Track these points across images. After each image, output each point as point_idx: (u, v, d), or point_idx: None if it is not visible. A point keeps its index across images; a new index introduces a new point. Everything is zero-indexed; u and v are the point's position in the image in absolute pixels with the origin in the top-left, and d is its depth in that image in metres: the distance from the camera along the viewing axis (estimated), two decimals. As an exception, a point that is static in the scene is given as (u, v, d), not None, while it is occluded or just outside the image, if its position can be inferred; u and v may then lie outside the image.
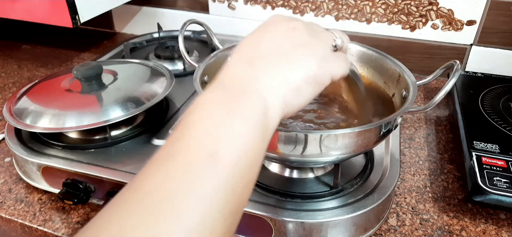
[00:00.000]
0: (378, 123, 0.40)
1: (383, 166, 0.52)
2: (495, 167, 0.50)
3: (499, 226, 0.49)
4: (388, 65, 0.53)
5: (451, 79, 0.42)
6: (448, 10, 0.80)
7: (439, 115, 0.73)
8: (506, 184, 0.48)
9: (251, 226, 0.45)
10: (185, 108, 0.67)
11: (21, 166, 0.56)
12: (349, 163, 0.52)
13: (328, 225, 0.44)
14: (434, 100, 0.41)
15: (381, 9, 0.84)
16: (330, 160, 0.43)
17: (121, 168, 0.52)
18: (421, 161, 0.60)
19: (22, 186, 0.56)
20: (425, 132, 0.67)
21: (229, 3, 0.95)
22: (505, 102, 0.66)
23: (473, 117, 0.62)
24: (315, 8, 0.89)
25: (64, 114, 0.55)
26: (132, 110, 0.57)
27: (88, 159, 0.54)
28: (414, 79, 0.47)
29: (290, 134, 0.39)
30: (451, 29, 0.82)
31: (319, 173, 0.50)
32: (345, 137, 0.39)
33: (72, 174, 0.52)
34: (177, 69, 0.80)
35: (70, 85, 0.62)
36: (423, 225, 0.49)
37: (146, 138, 0.58)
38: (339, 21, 0.89)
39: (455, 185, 0.56)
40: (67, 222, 0.50)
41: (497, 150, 0.53)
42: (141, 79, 0.66)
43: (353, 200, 0.46)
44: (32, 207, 0.53)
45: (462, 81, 0.74)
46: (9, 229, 0.53)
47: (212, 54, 0.54)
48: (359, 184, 0.49)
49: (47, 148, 0.56)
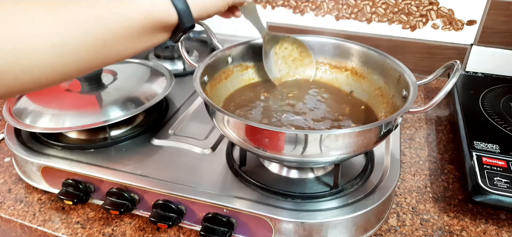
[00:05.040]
0: (378, 123, 0.40)
1: (384, 166, 0.52)
2: (496, 167, 0.50)
3: (499, 226, 0.49)
4: (389, 65, 0.53)
5: (452, 79, 0.42)
6: (448, 10, 0.80)
7: (440, 115, 0.73)
8: (506, 184, 0.47)
9: (251, 226, 0.45)
10: (185, 108, 0.67)
11: (20, 166, 0.56)
12: (349, 163, 0.52)
13: (328, 225, 0.44)
14: (435, 100, 0.41)
15: (381, 8, 0.84)
16: (330, 160, 0.43)
17: (120, 168, 0.52)
18: (421, 161, 0.60)
19: (21, 186, 0.56)
20: (425, 132, 0.67)
21: (229, 3, 0.95)
22: (506, 102, 0.66)
23: (474, 117, 0.62)
24: (315, 8, 0.89)
25: (63, 114, 0.55)
26: (132, 110, 0.57)
27: (88, 159, 0.53)
28: (414, 79, 0.47)
29: (291, 134, 0.39)
30: (452, 29, 0.82)
31: (319, 173, 0.50)
32: (345, 137, 0.39)
33: (72, 174, 0.52)
34: (177, 69, 0.80)
35: (70, 85, 0.62)
36: (423, 225, 0.49)
37: (146, 138, 0.58)
38: (339, 21, 0.89)
39: (455, 185, 0.56)
40: (66, 222, 0.50)
41: (497, 150, 0.53)
42: (141, 79, 0.66)
43: (353, 200, 0.46)
44: (32, 207, 0.53)
45: (462, 81, 0.74)
46: (8, 229, 0.53)
47: (212, 54, 0.54)
48: (360, 184, 0.49)
49: (47, 148, 0.56)
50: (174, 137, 0.58)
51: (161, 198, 0.48)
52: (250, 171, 0.50)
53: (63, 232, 0.49)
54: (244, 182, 0.49)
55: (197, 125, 0.61)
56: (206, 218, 0.46)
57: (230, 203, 0.45)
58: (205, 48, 0.89)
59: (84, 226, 0.50)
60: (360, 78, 0.58)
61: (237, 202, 0.45)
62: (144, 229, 0.49)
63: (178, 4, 0.39)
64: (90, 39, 0.34)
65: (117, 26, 0.35)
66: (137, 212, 0.51)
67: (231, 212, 0.45)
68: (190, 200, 0.47)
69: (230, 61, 0.57)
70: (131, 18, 0.36)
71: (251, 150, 0.43)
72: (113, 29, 0.35)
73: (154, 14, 0.37)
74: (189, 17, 0.40)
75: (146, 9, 0.37)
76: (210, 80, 0.53)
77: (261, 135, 0.40)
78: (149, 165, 0.52)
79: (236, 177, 0.50)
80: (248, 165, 0.51)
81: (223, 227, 0.45)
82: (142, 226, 0.50)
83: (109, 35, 0.35)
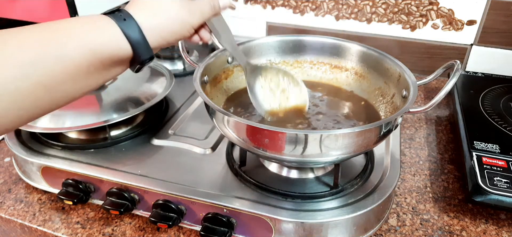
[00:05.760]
0: (378, 123, 0.40)
1: (384, 166, 0.52)
2: (496, 167, 0.50)
3: (499, 227, 0.49)
4: (389, 65, 0.53)
5: (452, 79, 0.42)
6: (448, 10, 0.80)
7: (440, 115, 0.73)
8: (506, 184, 0.47)
9: (251, 226, 0.45)
10: (185, 108, 0.67)
11: (20, 166, 0.56)
12: (349, 163, 0.52)
13: (328, 225, 0.44)
14: (435, 100, 0.41)
15: (381, 8, 0.84)
16: (330, 160, 0.43)
17: (120, 168, 0.52)
18: (421, 161, 0.60)
19: (21, 186, 0.56)
20: (425, 132, 0.67)
21: (229, 3, 0.95)
22: (506, 102, 0.66)
23: (474, 117, 0.62)
24: (315, 8, 0.89)
25: (63, 114, 0.55)
26: (131, 110, 0.57)
27: (88, 159, 0.53)
28: (414, 79, 0.47)
29: (291, 134, 0.39)
30: (452, 29, 0.82)
31: (319, 173, 0.50)
32: (345, 137, 0.39)
33: (72, 174, 0.52)
34: (177, 69, 0.80)
35: (70, 85, 0.62)
36: (423, 225, 0.49)
37: (146, 138, 0.58)
38: (339, 21, 0.88)
39: (455, 185, 0.56)
40: (66, 222, 0.50)
41: (497, 150, 0.53)
42: (141, 79, 0.66)
43: (353, 200, 0.46)
44: (32, 207, 0.53)
45: (462, 81, 0.74)
46: (8, 229, 0.53)
47: (212, 54, 0.54)
48: (360, 184, 0.49)
49: (47, 148, 0.56)
50: (174, 137, 0.58)
51: (161, 198, 0.48)
52: (250, 171, 0.50)
53: (63, 232, 0.49)
54: (244, 182, 0.49)
55: (197, 125, 0.61)
56: (206, 218, 0.46)
57: (230, 203, 0.45)
58: (205, 47, 0.89)
59: (84, 226, 0.50)
60: (360, 78, 0.58)
61: (237, 202, 0.45)
62: (144, 229, 0.49)
63: (132, 35, 0.34)
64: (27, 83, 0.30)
65: (58, 68, 0.31)
66: (137, 212, 0.51)
67: (231, 212, 0.45)
68: (190, 200, 0.47)
69: (230, 61, 0.57)
70: (73, 58, 0.32)
71: (251, 150, 0.43)
72: (53, 72, 0.31)
73: (101, 50, 0.33)
74: (145, 49, 0.35)
75: (91, 45, 0.32)
76: (210, 80, 0.53)
77: (261, 135, 0.40)
78: (149, 165, 0.52)
79: (236, 177, 0.50)
80: (248, 165, 0.51)
81: (223, 227, 0.45)
82: (142, 226, 0.50)
83: (50, 79, 0.31)
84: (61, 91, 0.32)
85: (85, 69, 0.33)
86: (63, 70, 0.31)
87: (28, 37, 0.31)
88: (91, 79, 0.34)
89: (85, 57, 0.32)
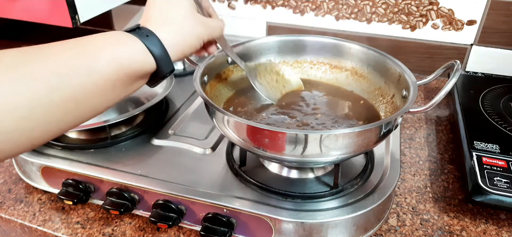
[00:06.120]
0: (378, 123, 0.40)
1: (384, 166, 0.52)
2: (496, 167, 0.50)
3: (499, 227, 0.49)
4: (389, 65, 0.53)
5: (452, 79, 0.42)
6: (448, 10, 0.80)
7: (440, 115, 0.73)
8: (506, 184, 0.47)
9: (251, 226, 0.45)
10: (185, 108, 0.67)
11: (20, 166, 0.56)
12: (349, 163, 0.52)
13: (328, 225, 0.44)
14: (435, 100, 0.41)
15: (381, 9, 0.84)
16: (330, 160, 0.43)
17: (120, 168, 0.52)
18: (421, 161, 0.60)
19: (21, 186, 0.56)
20: (425, 132, 0.67)
21: (229, 3, 0.95)
22: (506, 102, 0.66)
23: (474, 117, 0.62)
24: (315, 8, 0.89)
25: (63, 114, 0.55)
26: (131, 110, 0.57)
27: (88, 159, 0.53)
28: (414, 79, 0.47)
29: (291, 134, 0.39)
30: (452, 29, 0.82)
31: (319, 173, 0.50)
32: (345, 137, 0.39)
33: (72, 174, 0.52)
34: (177, 68, 0.80)
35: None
36: (423, 225, 0.49)
37: (146, 138, 0.58)
38: (339, 21, 0.88)
39: (455, 185, 0.56)
40: (66, 222, 0.50)
41: (497, 150, 0.53)
42: (141, 79, 0.66)
43: (353, 200, 0.46)
44: (32, 207, 0.53)
45: (462, 81, 0.74)
46: (8, 229, 0.53)
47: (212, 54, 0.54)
48: (360, 184, 0.49)
49: (47, 148, 0.56)
50: (174, 137, 0.58)
51: (161, 198, 0.48)
52: (250, 171, 0.50)
53: (63, 232, 0.49)
54: (244, 182, 0.49)
55: (197, 125, 0.61)
56: (206, 218, 0.46)
57: (230, 203, 0.45)
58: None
59: (84, 226, 0.50)
60: (360, 78, 0.58)
61: (237, 202, 0.45)
62: (144, 229, 0.49)
63: (155, 50, 0.36)
64: (60, 95, 0.30)
65: (89, 81, 0.32)
66: (137, 212, 0.51)
67: (231, 212, 0.45)
68: (190, 200, 0.47)
69: (230, 61, 0.57)
70: (103, 71, 0.33)
71: (251, 150, 0.43)
72: (85, 84, 0.32)
73: (129, 64, 0.35)
74: (168, 63, 0.37)
75: (120, 59, 0.34)
76: (210, 80, 0.53)
77: (261, 135, 0.40)
78: (149, 165, 0.52)
79: (236, 177, 0.50)
80: (248, 165, 0.51)
81: (223, 227, 0.45)
82: (142, 226, 0.50)
83: (80, 92, 0.32)
84: (89, 105, 0.33)
85: (113, 82, 0.34)
86: (93, 83, 0.33)
87: (62, 50, 0.32)
88: (115, 93, 0.35)
89: (115, 70, 0.34)
